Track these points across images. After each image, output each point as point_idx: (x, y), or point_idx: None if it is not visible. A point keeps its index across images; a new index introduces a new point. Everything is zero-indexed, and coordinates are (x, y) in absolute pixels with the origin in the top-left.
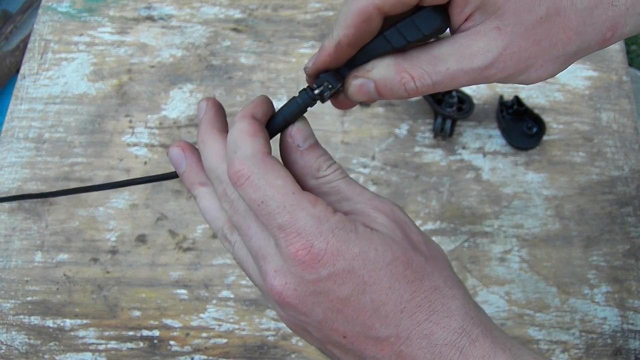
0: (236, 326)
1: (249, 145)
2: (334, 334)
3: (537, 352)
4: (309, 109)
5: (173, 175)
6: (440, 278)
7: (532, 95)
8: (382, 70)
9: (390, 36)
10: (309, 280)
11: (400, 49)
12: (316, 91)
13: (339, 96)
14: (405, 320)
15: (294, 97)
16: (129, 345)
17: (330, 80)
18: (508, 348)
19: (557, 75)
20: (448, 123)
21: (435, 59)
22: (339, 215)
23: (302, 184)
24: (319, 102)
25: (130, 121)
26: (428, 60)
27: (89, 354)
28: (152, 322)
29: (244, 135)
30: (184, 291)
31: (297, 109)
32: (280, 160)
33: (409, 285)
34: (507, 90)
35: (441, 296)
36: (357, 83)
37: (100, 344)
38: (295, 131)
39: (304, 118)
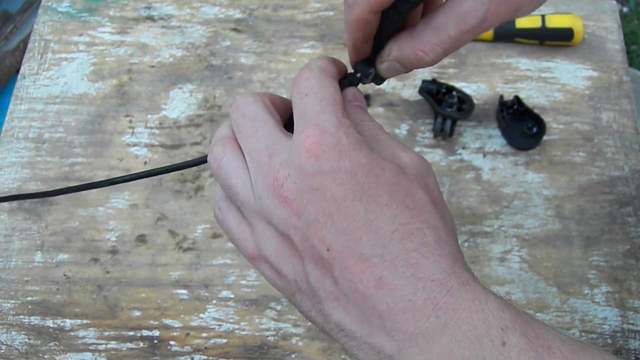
0: (236, 326)
1: (324, 63)
2: (318, 244)
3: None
4: None
5: (201, 161)
6: (440, 221)
7: (532, 95)
8: (399, 52)
9: (391, 15)
10: (310, 172)
11: (404, 19)
12: (357, 75)
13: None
14: (395, 243)
15: (345, 76)
16: (129, 345)
17: (362, 69)
18: (499, 297)
19: (557, 75)
20: (448, 123)
21: (437, 29)
22: (361, 137)
23: None
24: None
25: (130, 121)
26: (431, 33)
27: (89, 354)
28: (152, 322)
29: (323, 58)
30: (184, 291)
31: (344, 83)
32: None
33: (406, 210)
34: (508, 90)
35: (436, 235)
36: (384, 66)
37: (100, 344)
38: (349, 90)
39: (359, 91)
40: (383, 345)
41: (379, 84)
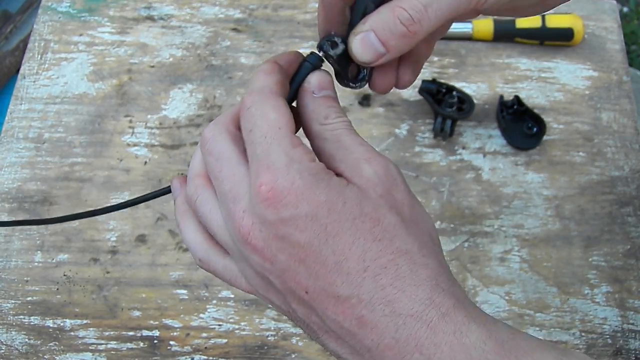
0: (236, 326)
1: (261, 81)
2: (296, 287)
3: (513, 328)
4: None
5: (166, 191)
6: (414, 243)
7: (532, 95)
8: (375, 17)
9: None
10: (271, 221)
11: None
12: (321, 51)
13: (373, 77)
14: (368, 281)
15: (304, 60)
16: (129, 345)
17: (328, 40)
18: (482, 323)
19: (557, 75)
20: (448, 123)
21: None
22: (316, 164)
23: (307, 128)
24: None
25: (130, 121)
26: None
27: (89, 354)
28: (152, 322)
29: (260, 73)
30: (184, 291)
31: (305, 69)
32: (288, 104)
33: (375, 243)
34: (508, 90)
35: (411, 262)
36: (358, 39)
37: (100, 344)
38: (312, 78)
39: (327, 72)
40: None
41: (356, 86)
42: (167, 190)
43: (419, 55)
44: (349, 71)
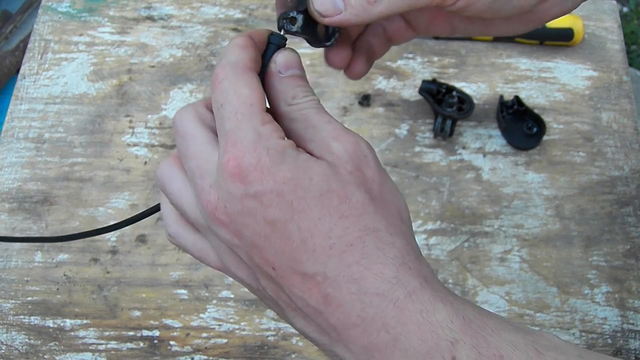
0: (236, 326)
1: (235, 55)
2: (264, 264)
3: (482, 308)
4: None
5: (157, 209)
6: (382, 221)
7: (532, 95)
8: None
9: None
10: (236, 196)
11: None
12: (282, 28)
13: (327, 52)
14: (334, 259)
15: (268, 42)
16: (129, 345)
17: (285, 18)
18: (450, 302)
19: (557, 75)
20: (448, 123)
21: None
22: (285, 141)
23: (275, 109)
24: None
25: (131, 121)
26: None
27: (89, 354)
28: (152, 322)
29: (234, 46)
30: (184, 291)
31: (270, 50)
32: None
33: (341, 220)
34: (508, 90)
35: (378, 240)
36: None
37: (101, 344)
38: (278, 57)
39: (294, 50)
40: (344, 355)
41: (329, 43)
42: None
43: (373, 50)
44: (318, 34)
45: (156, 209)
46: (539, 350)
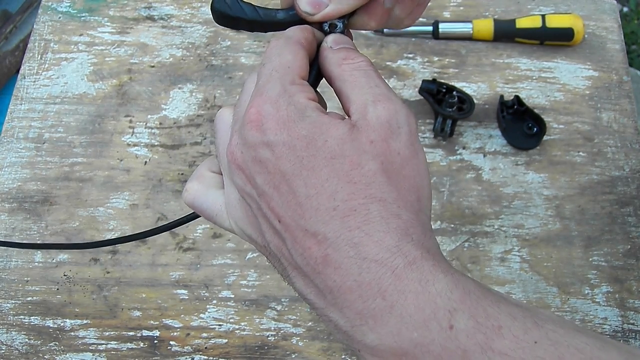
0: (236, 326)
1: (292, 31)
2: (270, 215)
3: (483, 283)
4: None
5: (194, 217)
6: (392, 193)
7: (533, 95)
8: None
9: None
10: (251, 143)
11: None
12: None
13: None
14: (336, 220)
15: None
16: (129, 345)
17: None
18: (450, 273)
19: (557, 75)
20: (448, 123)
21: None
22: (309, 102)
23: (328, 74)
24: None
25: (131, 121)
26: None
27: (89, 354)
28: (152, 322)
29: (296, 28)
30: (184, 291)
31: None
32: (309, 56)
33: (349, 185)
34: (508, 90)
35: (384, 209)
36: None
37: (101, 344)
38: (329, 37)
39: (346, 35)
40: (338, 320)
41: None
42: (194, 216)
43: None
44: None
45: (193, 216)
46: (537, 322)
